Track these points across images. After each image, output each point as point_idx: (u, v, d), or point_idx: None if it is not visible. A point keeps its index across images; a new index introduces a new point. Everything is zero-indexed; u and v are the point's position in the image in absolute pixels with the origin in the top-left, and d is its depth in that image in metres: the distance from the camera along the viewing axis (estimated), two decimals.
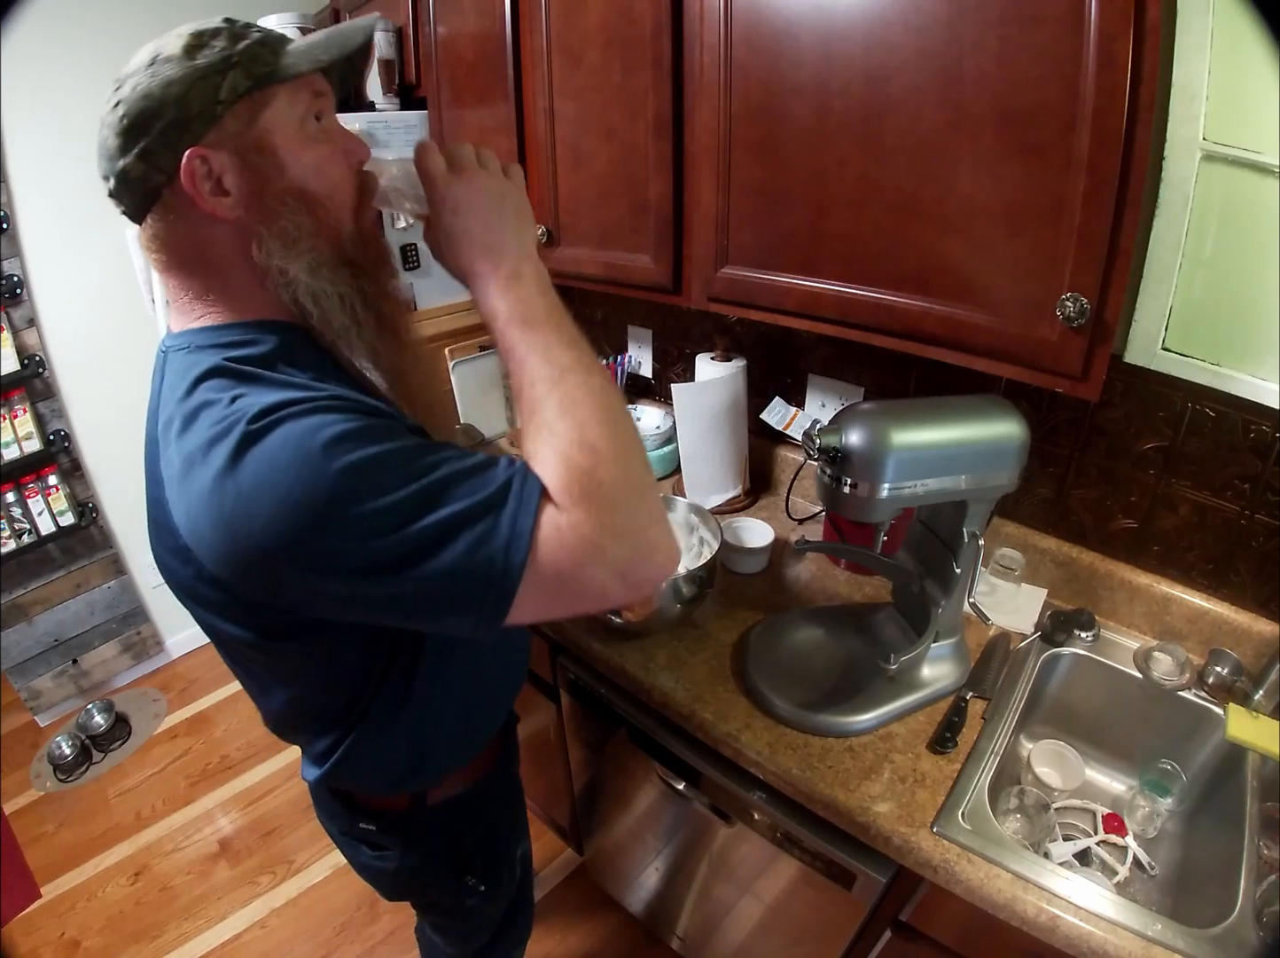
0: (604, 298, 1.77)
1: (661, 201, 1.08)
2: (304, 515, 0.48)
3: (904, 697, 0.95)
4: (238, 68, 0.55)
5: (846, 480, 0.82)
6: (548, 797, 1.64)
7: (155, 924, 1.67)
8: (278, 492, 0.48)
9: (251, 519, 0.49)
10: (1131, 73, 0.63)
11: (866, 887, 0.88)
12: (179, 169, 0.54)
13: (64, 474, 2.10)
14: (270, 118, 0.57)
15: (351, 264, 0.62)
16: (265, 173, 0.57)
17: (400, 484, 0.49)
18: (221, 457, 0.49)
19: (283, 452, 0.48)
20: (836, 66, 0.82)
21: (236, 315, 0.60)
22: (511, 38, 1.21)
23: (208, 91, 0.54)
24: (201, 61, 0.54)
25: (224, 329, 0.59)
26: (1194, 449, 0.97)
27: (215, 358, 0.56)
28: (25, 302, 1.93)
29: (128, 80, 0.55)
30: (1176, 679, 0.98)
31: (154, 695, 2.38)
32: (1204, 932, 0.69)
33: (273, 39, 0.59)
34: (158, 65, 0.54)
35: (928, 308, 0.84)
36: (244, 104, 0.56)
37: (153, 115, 0.54)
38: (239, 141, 0.56)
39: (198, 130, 0.55)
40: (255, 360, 0.56)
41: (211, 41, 0.55)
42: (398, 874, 0.87)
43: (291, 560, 0.50)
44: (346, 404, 0.53)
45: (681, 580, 1.02)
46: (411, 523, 0.49)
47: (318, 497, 0.48)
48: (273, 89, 0.57)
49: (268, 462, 0.48)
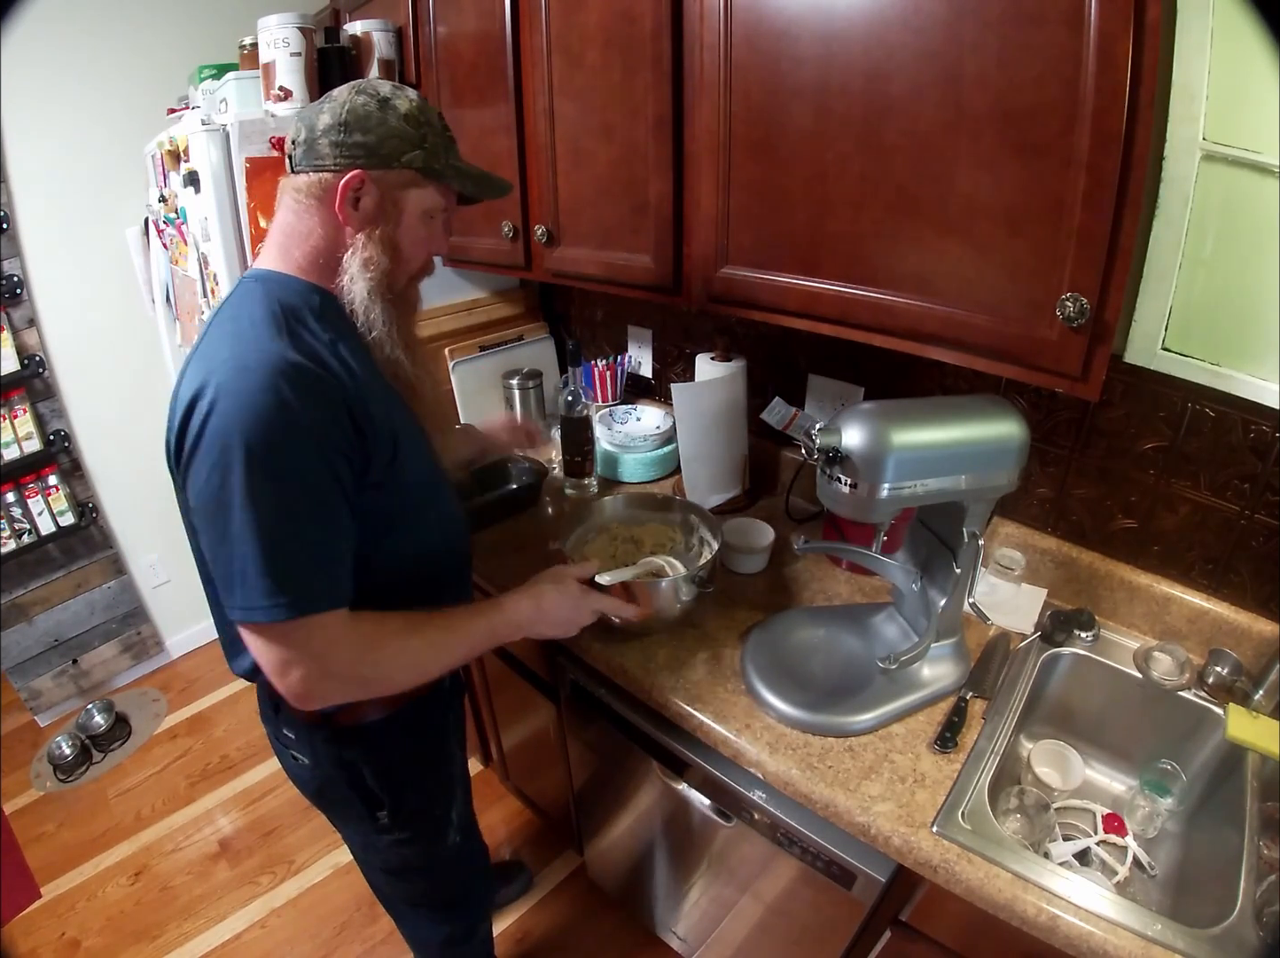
0: (604, 298, 1.77)
1: (661, 201, 1.08)
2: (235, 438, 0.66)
3: (904, 697, 0.95)
4: (424, 150, 0.77)
5: (846, 480, 0.82)
6: (548, 797, 1.64)
7: (155, 924, 1.67)
8: (239, 413, 0.66)
9: (220, 405, 0.66)
10: (1131, 73, 0.63)
11: (866, 887, 0.88)
12: (344, 172, 0.74)
13: (64, 474, 2.10)
14: (416, 194, 0.79)
15: (393, 304, 0.82)
16: (387, 218, 0.78)
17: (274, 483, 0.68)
18: (231, 367, 0.68)
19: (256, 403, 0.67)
20: (836, 66, 0.82)
21: (304, 274, 0.79)
22: (511, 38, 1.21)
23: (399, 148, 0.76)
24: (409, 129, 0.76)
25: (290, 278, 0.79)
26: (1194, 449, 0.97)
27: (277, 296, 0.75)
28: (25, 302, 1.93)
29: (365, 94, 0.75)
30: (1176, 679, 0.98)
31: (154, 695, 2.38)
32: (1204, 932, 0.69)
33: (454, 149, 0.82)
34: (387, 106, 0.75)
35: (928, 308, 0.84)
36: (410, 173, 0.77)
37: (360, 129, 0.74)
38: (388, 189, 0.77)
39: (375, 163, 0.75)
40: (296, 311, 0.75)
41: (423, 122, 0.77)
42: (309, 783, 0.97)
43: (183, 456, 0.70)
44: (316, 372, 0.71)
45: (681, 581, 1.02)
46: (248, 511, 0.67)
47: (236, 442, 0.66)
48: (430, 181, 0.79)
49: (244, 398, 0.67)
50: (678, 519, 1.21)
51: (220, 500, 0.67)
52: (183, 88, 1.72)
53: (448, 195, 0.83)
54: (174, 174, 1.55)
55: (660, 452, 1.55)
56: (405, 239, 0.80)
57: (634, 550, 1.17)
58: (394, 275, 0.81)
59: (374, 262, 0.78)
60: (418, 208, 0.80)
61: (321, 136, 0.75)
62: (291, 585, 0.69)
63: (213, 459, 0.66)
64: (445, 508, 0.93)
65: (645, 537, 1.19)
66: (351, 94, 0.75)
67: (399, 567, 0.85)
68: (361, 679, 0.77)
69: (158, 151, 1.63)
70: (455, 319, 1.75)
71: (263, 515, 0.67)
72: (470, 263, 1.56)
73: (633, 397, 1.79)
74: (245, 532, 0.67)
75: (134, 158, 1.89)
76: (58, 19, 1.76)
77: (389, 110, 0.75)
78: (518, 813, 1.87)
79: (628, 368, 1.76)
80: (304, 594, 0.70)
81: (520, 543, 1.37)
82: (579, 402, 1.43)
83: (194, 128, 1.37)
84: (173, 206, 1.61)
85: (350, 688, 0.78)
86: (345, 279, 0.78)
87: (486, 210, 1.43)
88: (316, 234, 0.78)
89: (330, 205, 0.76)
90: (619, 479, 1.57)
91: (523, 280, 1.88)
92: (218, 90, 1.45)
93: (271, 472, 0.67)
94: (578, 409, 1.43)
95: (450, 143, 0.81)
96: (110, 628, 2.33)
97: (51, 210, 1.91)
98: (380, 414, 0.77)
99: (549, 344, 1.91)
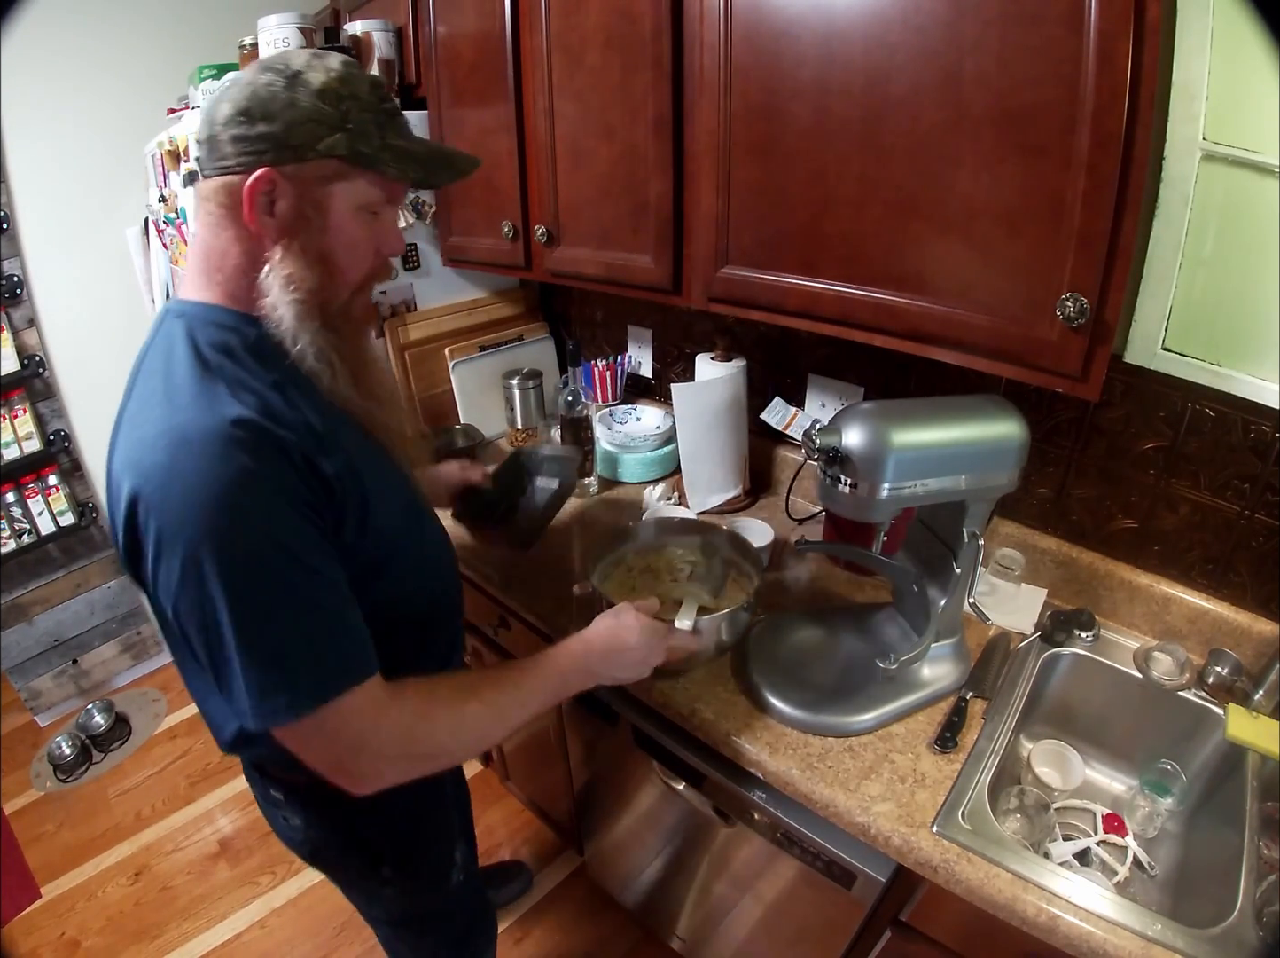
0: (604, 298, 1.77)
1: (661, 202, 1.08)
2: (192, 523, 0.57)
3: (904, 697, 0.95)
4: (346, 133, 0.62)
5: (846, 480, 0.82)
6: (548, 797, 1.64)
7: (155, 924, 1.67)
8: (191, 504, 0.57)
9: (167, 500, 0.57)
10: (1131, 73, 0.63)
11: (866, 887, 0.88)
12: (250, 172, 0.61)
13: (64, 474, 2.10)
14: (342, 189, 0.65)
15: (331, 327, 0.68)
16: (309, 223, 0.65)
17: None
18: (167, 450, 0.58)
19: (207, 483, 0.57)
20: (836, 66, 0.82)
21: (231, 303, 0.67)
22: (511, 38, 1.21)
23: (312, 135, 0.61)
24: (325, 109, 0.61)
25: (218, 310, 0.67)
26: (1194, 449, 0.97)
27: (202, 336, 0.64)
28: (25, 302, 1.93)
29: (271, 72, 0.61)
30: (1176, 679, 0.98)
31: (154, 695, 2.38)
32: (1204, 932, 0.69)
33: (393, 124, 0.66)
34: (297, 83, 0.61)
35: (928, 308, 0.84)
36: (332, 162, 0.63)
37: (264, 118, 0.61)
38: (306, 187, 0.63)
39: (285, 157, 0.62)
40: (230, 350, 0.64)
41: (345, 96, 0.62)
42: (304, 845, 0.89)
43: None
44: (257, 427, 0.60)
45: (739, 611, 0.96)
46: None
47: (192, 528, 0.57)
48: (359, 169, 0.65)
49: (192, 482, 0.57)
50: (696, 542, 1.15)
51: (204, 610, 0.58)
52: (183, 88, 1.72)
53: (388, 185, 0.68)
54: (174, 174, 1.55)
55: (660, 452, 1.55)
56: (337, 245, 0.66)
57: (652, 582, 1.13)
58: (328, 291, 0.67)
59: (297, 278, 0.64)
60: (348, 204, 0.66)
61: (222, 131, 0.62)
62: (303, 673, 0.60)
63: (179, 569, 0.57)
64: (431, 544, 0.84)
65: (660, 565, 1.15)
66: (256, 73, 0.62)
67: (386, 614, 0.74)
68: (418, 757, 0.68)
69: (158, 151, 1.63)
70: (455, 319, 1.75)
71: (254, 611, 0.58)
72: (470, 263, 1.57)
73: (633, 397, 1.79)
74: (240, 636, 0.58)
75: (134, 158, 1.89)
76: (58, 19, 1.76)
77: (299, 88, 0.61)
78: (518, 813, 1.87)
79: (628, 368, 1.76)
80: (319, 679, 0.61)
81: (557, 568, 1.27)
82: (579, 402, 1.43)
83: (194, 128, 1.37)
84: (173, 206, 1.61)
85: (409, 767, 0.68)
86: (266, 303, 0.65)
87: (486, 210, 1.43)
88: (234, 251, 0.65)
89: (241, 214, 0.63)
90: (619, 479, 1.57)
91: (523, 280, 1.88)
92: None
93: (250, 559, 0.58)
94: (578, 409, 1.43)
95: (387, 117, 0.66)
96: (110, 628, 2.33)
97: (51, 210, 1.91)
98: (343, 468, 0.65)
99: (549, 344, 1.91)
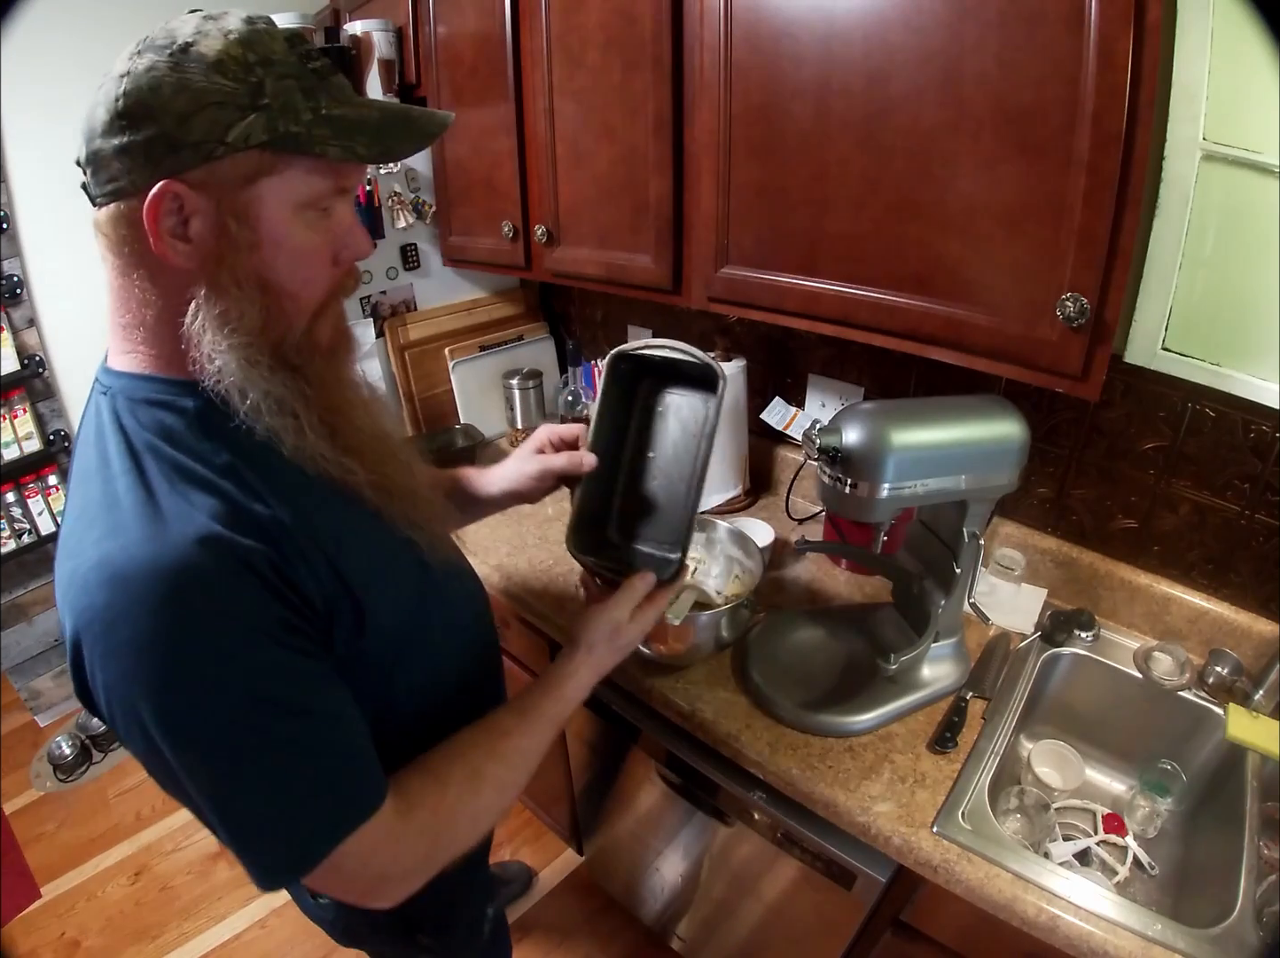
0: (604, 298, 1.76)
1: (661, 201, 1.08)
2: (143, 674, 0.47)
3: (904, 697, 0.94)
4: (263, 111, 0.46)
5: (846, 480, 0.82)
6: (548, 797, 1.64)
7: (155, 924, 1.66)
8: (131, 670, 0.47)
9: (118, 652, 0.47)
10: (1131, 73, 0.63)
11: (866, 887, 0.88)
12: (147, 190, 0.45)
13: (64, 474, 2.10)
14: (270, 186, 0.48)
15: (288, 367, 0.53)
16: (236, 243, 0.49)
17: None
18: (100, 581, 0.47)
19: (161, 636, 0.46)
20: (836, 67, 0.82)
21: (160, 368, 0.53)
22: (511, 38, 1.21)
23: (216, 124, 0.45)
24: (229, 84, 0.45)
25: (147, 381, 0.53)
26: (1194, 449, 0.97)
27: (132, 420, 0.51)
28: (25, 302, 1.92)
29: (150, 52, 0.45)
30: (1176, 679, 0.98)
31: None
32: (1204, 932, 0.69)
33: (329, 86, 0.49)
34: (186, 58, 0.45)
35: (928, 308, 0.84)
36: (251, 154, 0.47)
37: (149, 117, 0.45)
38: (225, 195, 0.47)
39: (187, 160, 0.46)
40: (168, 433, 0.51)
41: (253, 64, 0.46)
42: (335, 923, 0.82)
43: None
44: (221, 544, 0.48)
45: (741, 608, 0.97)
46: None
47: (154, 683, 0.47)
48: (289, 157, 0.48)
49: (123, 622, 0.46)
50: (699, 538, 1.12)
51: (177, 777, 0.49)
52: None
53: (333, 169, 0.51)
54: None
55: None
56: (277, 263, 0.51)
57: None
58: (276, 324, 0.52)
59: (233, 315, 0.49)
60: (283, 206, 0.50)
61: (103, 142, 0.46)
62: (301, 829, 0.52)
63: (139, 736, 0.48)
64: (456, 610, 0.73)
65: None
66: (133, 59, 0.45)
67: (423, 695, 0.67)
68: (442, 861, 0.61)
69: None
70: (455, 319, 1.75)
71: (230, 782, 0.50)
72: (470, 263, 1.57)
73: None
74: (217, 809, 0.50)
75: None
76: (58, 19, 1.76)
77: (189, 64, 0.45)
78: (517, 813, 1.87)
79: None
80: (327, 824, 0.53)
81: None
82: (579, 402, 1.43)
83: None
84: None
85: (435, 868, 0.61)
86: (200, 355, 0.50)
87: (487, 210, 1.43)
88: (151, 297, 0.50)
89: (144, 242, 0.47)
90: None
91: (523, 280, 1.87)
92: None
93: (215, 723, 0.48)
94: (578, 409, 1.43)
95: (317, 79, 0.49)
96: None
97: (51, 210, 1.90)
98: (325, 574, 0.54)
99: (549, 344, 1.91)
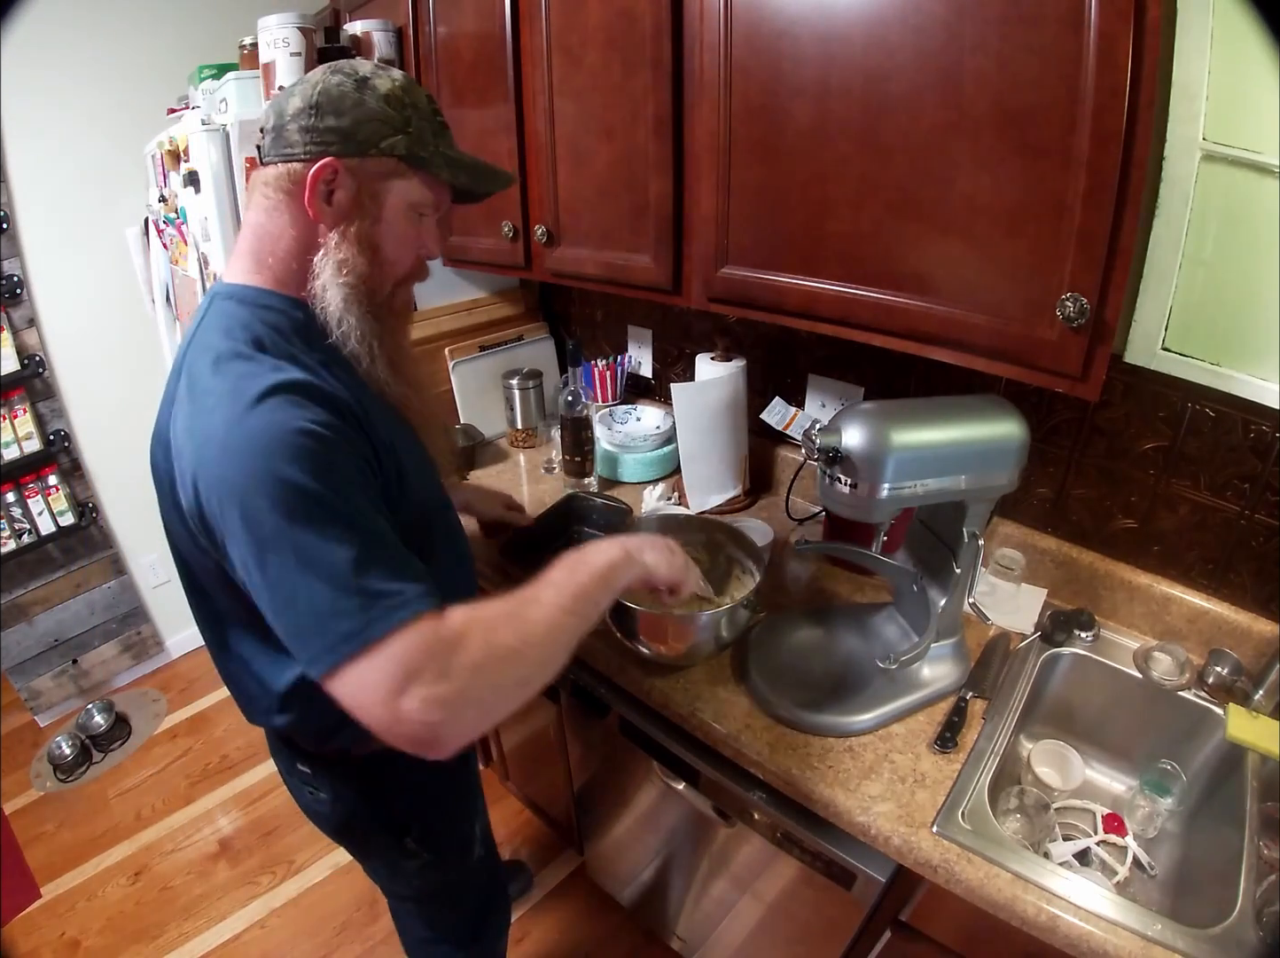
0: (604, 298, 1.77)
1: (661, 201, 1.08)
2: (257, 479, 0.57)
3: (904, 697, 0.95)
4: (407, 135, 0.69)
5: (846, 480, 0.82)
6: (548, 797, 1.64)
7: (155, 924, 1.67)
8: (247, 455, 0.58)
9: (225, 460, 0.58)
10: (1131, 73, 0.62)
11: (866, 887, 0.88)
12: (315, 161, 0.66)
13: (64, 474, 2.10)
14: (399, 185, 0.70)
15: (374, 316, 0.73)
16: (365, 213, 0.69)
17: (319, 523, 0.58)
18: (224, 412, 0.59)
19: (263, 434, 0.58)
20: (837, 66, 0.82)
21: (280, 288, 0.71)
22: (511, 38, 1.21)
23: (377, 133, 0.67)
24: (390, 112, 0.68)
25: (267, 294, 0.70)
26: (1194, 449, 0.97)
27: (254, 317, 0.67)
28: (25, 302, 1.93)
29: (341, 74, 0.67)
30: (1176, 679, 0.98)
31: (154, 696, 2.38)
32: (1204, 932, 0.69)
33: (444, 135, 0.73)
34: (365, 86, 0.67)
35: (928, 308, 0.84)
36: (391, 161, 0.69)
37: (333, 113, 0.66)
38: (366, 180, 0.68)
39: (349, 150, 0.67)
40: (280, 329, 0.67)
41: (407, 104, 0.69)
42: (331, 818, 0.92)
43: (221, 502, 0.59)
44: (322, 393, 0.63)
45: (739, 608, 0.96)
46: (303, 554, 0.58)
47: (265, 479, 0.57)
48: (415, 170, 0.70)
49: (249, 435, 0.58)
50: (701, 539, 1.11)
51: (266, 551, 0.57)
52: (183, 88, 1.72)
53: (437, 189, 0.74)
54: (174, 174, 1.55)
55: (660, 452, 1.55)
56: (387, 237, 0.71)
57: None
58: (374, 279, 0.72)
59: (349, 263, 0.69)
60: (401, 201, 0.71)
61: (290, 122, 0.67)
62: (376, 596, 0.57)
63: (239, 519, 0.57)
64: (458, 540, 0.86)
65: None
66: (326, 74, 0.67)
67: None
68: (494, 687, 0.60)
69: (158, 151, 1.63)
70: (455, 319, 1.75)
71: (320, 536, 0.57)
72: (470, 263, 1.56)
73: (633, 397, 1.79)
74: (306, 563, 0.57)
75: (134, 158, 1.89)
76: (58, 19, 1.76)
77: (367, 90, 0.67)
78: (518, 813, 1.87)
79: (628, 368, 1.76)
80: (402, 593, 0.58)
81: None
82: (579, 402, 1.43)
83: (194, 128, 1.37)
84: (173, 206, 1.61)
85: (485, 705, 0.60)
86: (317, 285, 0.69)
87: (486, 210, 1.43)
88: (289, 235, 0.70)
89: (300, 200, 0.67)
90: (619, 480, 1.57)
91: (523, 280, 1.88)
92: (218, 90, 1.45)
93: (310, 490, 0.57)
94: (578, 409, 1.43)
95: (441, 129, 0.73)
96: (110, 628, 2.33)
97: (51, 210, 1.91)
98: (384, 438, 0.69)
99: (549, 344, 1.91)
